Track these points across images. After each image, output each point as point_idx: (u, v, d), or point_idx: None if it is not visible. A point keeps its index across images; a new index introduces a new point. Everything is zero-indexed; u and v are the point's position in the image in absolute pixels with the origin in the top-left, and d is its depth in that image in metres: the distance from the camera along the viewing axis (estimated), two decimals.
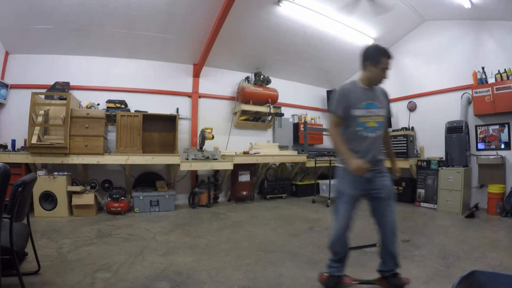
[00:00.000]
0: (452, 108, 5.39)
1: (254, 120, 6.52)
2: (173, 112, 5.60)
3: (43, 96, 4.52)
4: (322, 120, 7.74)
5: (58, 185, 4.19)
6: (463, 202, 4.68)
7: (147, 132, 5.11)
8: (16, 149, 4.45)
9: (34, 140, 4.05)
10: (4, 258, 1.73)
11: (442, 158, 5.31)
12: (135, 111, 5.12)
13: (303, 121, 6.93)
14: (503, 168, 4.77)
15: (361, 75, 2.10)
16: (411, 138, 5.62)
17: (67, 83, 4.87)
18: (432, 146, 5.76)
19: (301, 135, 6.64)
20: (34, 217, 4.02)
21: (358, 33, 5.80)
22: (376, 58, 1.99)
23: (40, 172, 4.21)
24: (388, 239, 2.11)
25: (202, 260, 2.68)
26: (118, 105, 5.06)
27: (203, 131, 5.32)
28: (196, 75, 6.01)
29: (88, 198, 4.36)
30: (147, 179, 5.34)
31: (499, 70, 4.73)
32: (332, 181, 5.55)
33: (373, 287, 2.22)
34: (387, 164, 2.27)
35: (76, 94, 4.86)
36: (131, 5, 4.38)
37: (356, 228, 3.83)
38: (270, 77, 6.50)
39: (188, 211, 4.96)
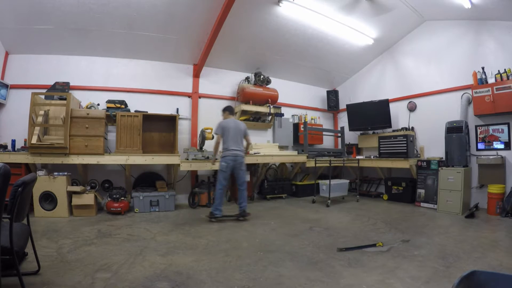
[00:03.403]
0: (452, 108, 5.39)
1: (254, 120, 6.52)
2: (173, 112, 5.61)
3: (43, 96, 4.52)
4: (322, 120, 7.75)
5: (58, 185, 4.19)
6: (463, 202, 4.68)
7: (147, 132, 5.11)
8: (16, 149, 4.45)
9: (34, 140, 4.05)
10: (4, 258, 1.73)
11: (442, 158, 5.31)
12: (135, 111, 5.12)
13: (303, 121, 6.93)
14: (503, 168, 4.77)
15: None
16: (411, 138, 5.62)
17: (67, 83, 4.87)
18: (432, 146, 5.76)
19: (301, 135, 6.64)
20: (34, 217, 4.02)
21: (358, 33, 5.79)
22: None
23: (40, 172, 4.21)
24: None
25: (202, 260, 2.68)
26: (118, 105, 5.06)
27: (203, 131, 5.32)
28: (196, 75, 6.01)
29: (88, 198, 4.36)
30: (147, 179, 5.34)
31: (499, 70, 4.73)
32: (334, 181, 5.56)
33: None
34: None
35: (76, 94, 4.87)
36: (130, 5, 4.38)
37: (355, 228, 3.86)
38: (270, 77, 6.51)
39: (188, 211, 4.96)
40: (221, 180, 4.30)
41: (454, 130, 5.05)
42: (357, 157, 6.62)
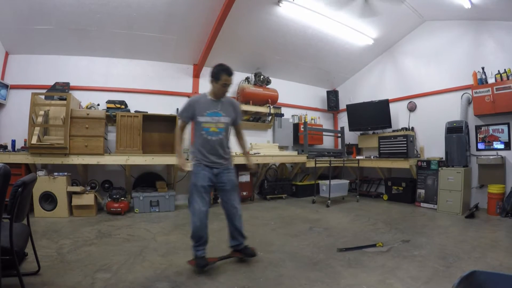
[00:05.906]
0: (452, 108, 5.39)
1: (254, 121, 6.52)
2: (173, 112, 5.60)
3: (43, 97, 4.51)
4: (322, 120, 7.75)
5: (58, 185, 4.19)
6: (463, 202, 4.68)
7: (147, 132, 5.10)
8: (16, 150, 4.45)
9: (34, 140, 4.05)
10: (4, 258, 1.73)
11: (442, 158, 5.31)
12: (135, 111, 5.12)
13: (303, 121, 6.93)
14: (503, 168, 4.77)
15: (209, 89, 2.58)
16: (411, 138, 5.62)
17: (67, 84, 4.87)
18: (432, 146, 5.76)
19: (301, 135, 6.63)
20: (34, 217, 4.02)
21: (358, 33, 5.80)
22: (217, 75, 2.43)
23: (40, 173, 4.21)
24: (234, 219, 2.55)
25: None
26: (118, 106, 5.06)
27: None
28: (196, 75, 6.01)
29: (88, 199, 4.36)
30: (147, 179, 5.33)
31: (499, 70, 4.73)
32: (334, 181, 5.55)
33: (232, 260, 2.66)
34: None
35: (76, 94, 4.87)
36: (131, 5, 4.38)
37: (356, 228, 3.86)
38: (270, 77, 6.50)
39: (188, 211, 4.94)
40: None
41: (454, 130, 5.05)
42: (357, 157, 6.62)
